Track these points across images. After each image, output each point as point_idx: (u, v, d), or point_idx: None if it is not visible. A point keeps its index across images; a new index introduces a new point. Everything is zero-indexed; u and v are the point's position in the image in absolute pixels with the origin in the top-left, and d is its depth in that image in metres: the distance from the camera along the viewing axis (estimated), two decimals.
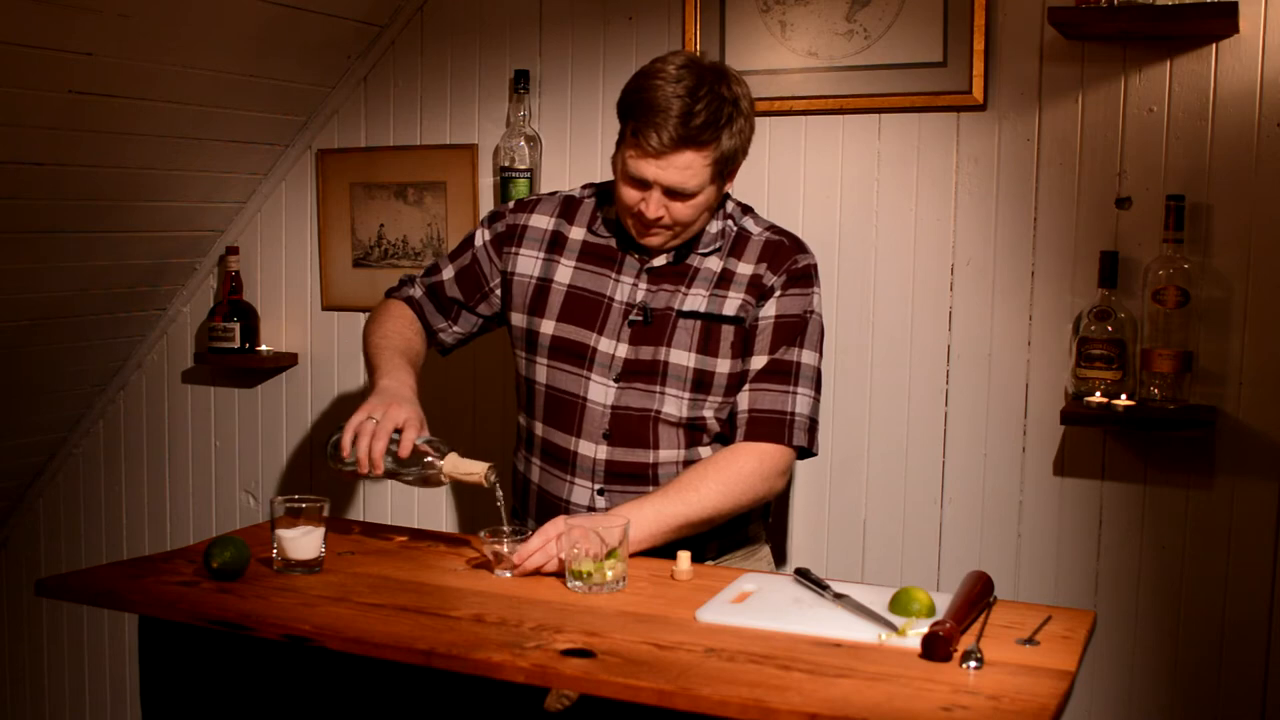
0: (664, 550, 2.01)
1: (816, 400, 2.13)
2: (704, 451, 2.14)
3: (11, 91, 2.44)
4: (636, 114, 1.99)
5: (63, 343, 3.16)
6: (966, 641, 1.57)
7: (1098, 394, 2.33)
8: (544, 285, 2.18)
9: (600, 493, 2.12)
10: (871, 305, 2.60)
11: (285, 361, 3.20)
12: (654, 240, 2.09)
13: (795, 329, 2.11)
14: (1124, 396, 2.31)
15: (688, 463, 2.12)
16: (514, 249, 2.22)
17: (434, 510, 3.07)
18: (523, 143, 2.80)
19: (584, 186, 2.29)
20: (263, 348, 3.22)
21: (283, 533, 1.91)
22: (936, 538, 2.57)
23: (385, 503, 3.12)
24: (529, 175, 2.80)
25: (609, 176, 2.17)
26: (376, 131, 3.06)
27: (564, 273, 2.17)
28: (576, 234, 2.20)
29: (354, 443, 1.96)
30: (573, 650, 1.55)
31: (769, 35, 2.62)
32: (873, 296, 2.60)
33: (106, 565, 2.08)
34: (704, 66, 2.02)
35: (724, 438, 2.16)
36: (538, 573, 1.88)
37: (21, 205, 2.71)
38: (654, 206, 2.02)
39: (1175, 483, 2.38)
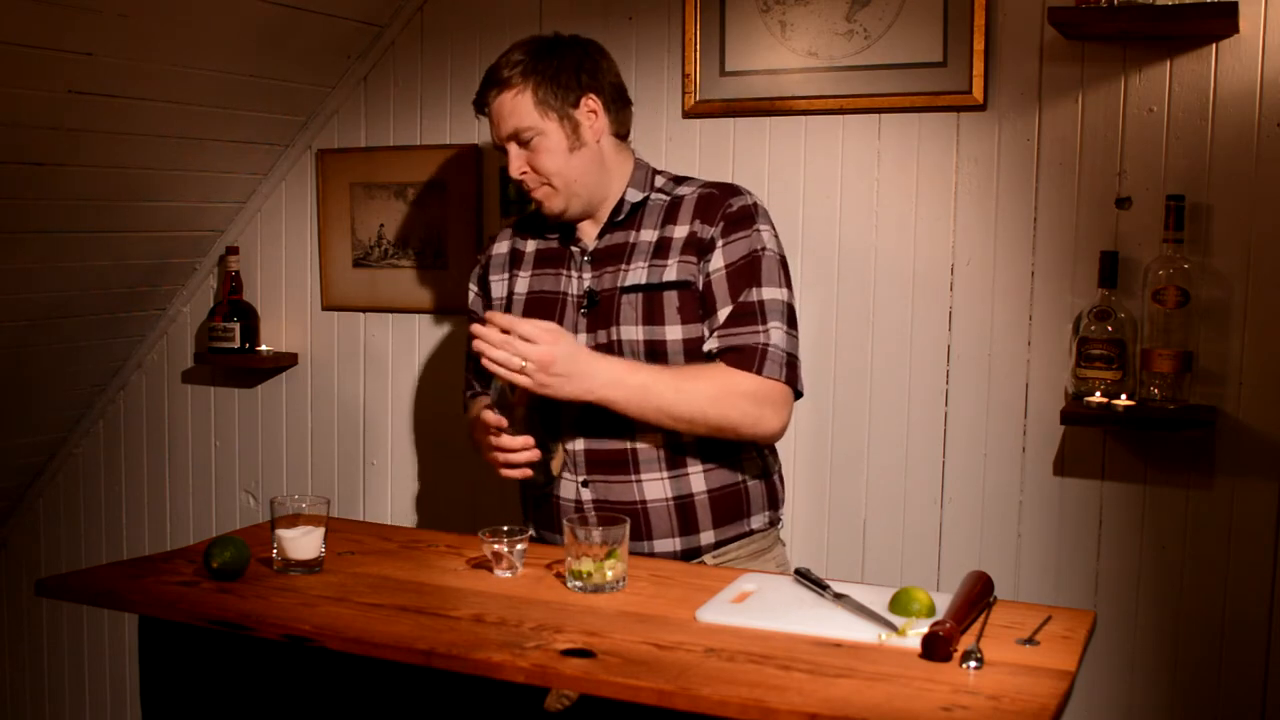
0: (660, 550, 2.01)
1: (792, 335, 2.07)
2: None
3: (11, 91, 2.44)
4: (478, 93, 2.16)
5: (63, 343, 3.16)
6: (966, 641, 1.57)
7: (1098, 394, 2.33)
8: (508, 301, 2.24)
9: (585, 484, 2.12)
10: (871, 305, 2.60)
11: (285, 361, 3.20)
12: (551, 205, 2.14)
13: (749, 271, 2.06)
14: (1124, 396, 2.31)
15: (667, 446, 2.09)
16: (490, 278, 2.29)
17: (435, 510, 3.07)
18: None
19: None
20: (263, 348, 3.23)
21: (283, 533, 1.91)
22: (936, 538, 2.57)
23: (385, 503, 3.12)
24: None
25: None
26: (376, 131, 3.06)
27: (522, 283, 2.23)
28: (530, 246, 2.26)
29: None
30: (573, 650, 1.55)
31: (769, 35, 2.62)
32: (873, 296, 2.60)
33: (106, 565, 2.08)
34: (541, 37, 2.17)
35: None
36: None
37: (22, 205, 2.71)
38: (513, 164, 2.13)
39: (1175, 483, 2.38)
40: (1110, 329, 2.33)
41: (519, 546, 1.91)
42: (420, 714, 1.73)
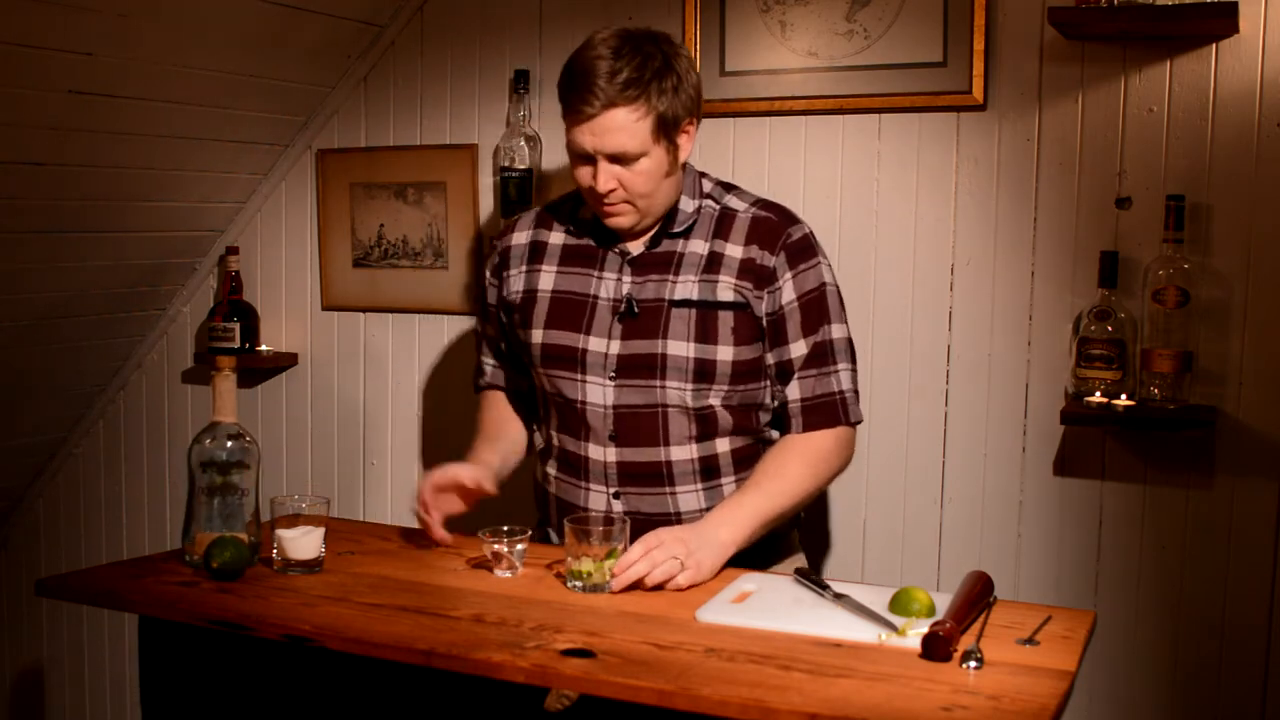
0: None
1: (854, 370, 2.13)
2: (720, 444, 2.09)
3: (11, 91, 2.44)
4: (567, 86, 2.01)
5: (63, 343, 3.16)
6: (966, 641, 1.57)
7: (1098, 394, 2.33)
8: (530, 296, 2.15)
9: (616, 496, 2.10)
10: (871, 305, 2.60)
11: (285, 361, 3.20)
12: (621, 221, 2.06)
13: (819, 306, 2.09)
14: (1124, 396, 2.31)
15: (702, 459, 2.08)
16: (507, 272, 2.21)
17: None
18: (522, 142, 2.80)
19: (563, 196, 2.27)
20: (263, 348, 3.22)
21: (283, 533, 1.91)
22: (936, 538, 2.57)
23: (385, 503, 3.12)
24: (529, 175, 2.80)
25: None
26: (376, 131, 3.06)
27: (547, 279, 2.15)
28: (555, 239, 2.18)
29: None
30: (573, 650, 1.55)
31: (769, 35, 2.62)
32: (873, 296, 2.60)
33: (106, 565, 2.08)
34: (634, 32, 2.03)
35: (746, 430, 2.13)
36: (636, 587, 1.83)
37: (21, 205, 2.72)
38: (603, 179, 2.00)
39: (1175, 483, 2.38)
40: (1110, 329, 2.33)
41: (519, 546, 1.92)
42: (420, 714, 1.73)
